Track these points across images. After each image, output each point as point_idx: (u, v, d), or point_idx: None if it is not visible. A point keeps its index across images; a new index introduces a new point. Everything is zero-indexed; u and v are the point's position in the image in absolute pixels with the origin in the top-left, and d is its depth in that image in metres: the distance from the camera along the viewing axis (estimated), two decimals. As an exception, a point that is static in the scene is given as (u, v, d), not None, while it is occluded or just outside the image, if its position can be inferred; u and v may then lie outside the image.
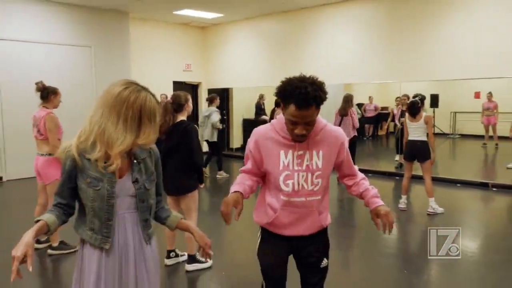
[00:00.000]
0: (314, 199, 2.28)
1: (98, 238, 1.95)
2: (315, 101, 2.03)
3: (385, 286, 4.09)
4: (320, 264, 2.41)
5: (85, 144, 1.87)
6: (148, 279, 2.08)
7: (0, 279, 4.30)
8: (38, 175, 4.83)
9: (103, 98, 1.88)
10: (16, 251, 1.70)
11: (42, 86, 4.83)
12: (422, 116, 6.30)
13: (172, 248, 4.50)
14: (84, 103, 9.54)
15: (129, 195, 1.99)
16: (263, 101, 12.76)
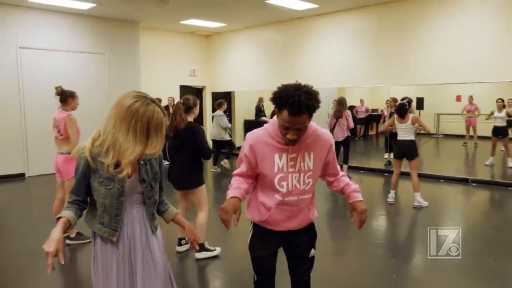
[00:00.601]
0: (305, 198, 2.28)
1: (106, 231, 2.00)
2: (308, 110, 2.01)
3: (375, 274, 4.12)
4: (308, 254, 2.41)
5: (99, 149, 1.91)
6: (154, 266, 2.11)
7: (26, 265, 4.36)
8: (57, 172, 4.85)
9: (115, 109, 1.89)
10: (49, 247, 1.75)
11: (61, 90, 4.85)
12: (410, 117, 6.35)
13: (183, 236, 4.54)
14: (99, 105, 9.63)
15: (137, 193, 2.04)
16: (262, 103, 12.78)
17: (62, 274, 4.29)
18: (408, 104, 6.52)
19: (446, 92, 11.42)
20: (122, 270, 2.03)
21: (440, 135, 13.35)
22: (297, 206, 2.27)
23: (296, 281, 2.46)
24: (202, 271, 4.21)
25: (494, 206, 7.12)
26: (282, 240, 2.38)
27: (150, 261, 2.10)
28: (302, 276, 2.43)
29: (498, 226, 5.68)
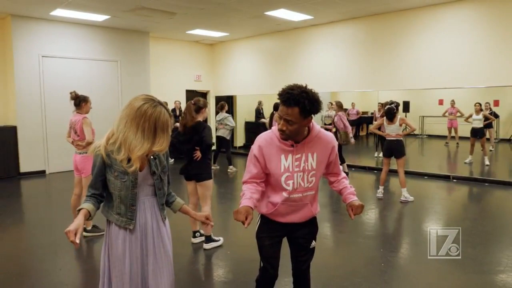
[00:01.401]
0: (308, 194, 2.31)
1: (123, 220, 2.04)
2: (297, 104, 2.02)
3: (364, 263, 4.16)
4: (309, 246, 2.44)
5: (112, 146, 1.96)
6: (165, 252, 2.15)
7: (46, 255, 4.40)
8: (76, 169, 4.87)
9: (126, 111, 1.94)
10: (69, 227, 1.77)
11: (75, 95, 4.86)
12: (397, 119, 6.39)
13: (196, 229, 4.56)
14: (112, 107, 9.68)
15: (148, 185, 2.09)
16: (261, 106, 12.82)
17: (79, 264, 4.33)
18: (396, 108, 6.57)
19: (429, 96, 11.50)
20: (135, 255, 2.07)
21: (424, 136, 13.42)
22: (301, 202, 2.29)
23: (297, 269, 2.49)
24: (206, 260, 4.24)
25: (472, 200, 7.16)
26: (286, 231, 2.40)
27: (161, 246, 2.13)
28: (302, 265, 2.47)
29: (476, 217, 5.72)
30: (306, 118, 2.09)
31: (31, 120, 8.83)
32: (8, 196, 7.20)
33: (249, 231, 2.43)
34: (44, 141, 9.03)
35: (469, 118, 9.61)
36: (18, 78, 8.61)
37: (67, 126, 5.00)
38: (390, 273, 3.90)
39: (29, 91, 8.76)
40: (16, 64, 8.57)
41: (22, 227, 5.58)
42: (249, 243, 4.55)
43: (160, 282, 2.12)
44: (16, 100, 8.63)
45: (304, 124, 2.12)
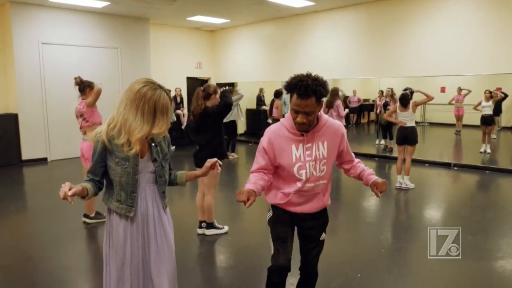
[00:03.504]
0: (321, 183, 2.29)
1: (124, 207, 2.04)
2: (315, 94, 2.02)
3: (364, 249, 4.21)
4: (320, 237, 2.43)
5: (113, 131, 1.95)
6: (166, 240, 2.16)
7: (48, 242, 4.45)
8: (82, 157, 4.81)
9: (126, 93, 1.95)
10: (62, 187, 1.80)
11: (79, 81, 4.79)
12: (410, 105, 6.36)
13: (203, 219, 4.48)
14: (113, 95, 9.50)
15: (149, 172, 2.08)
16: (262, 93, 12.81)
17: (82, 249, 4.39)
18: (410, 94, 6.51)
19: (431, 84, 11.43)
20: (136, 243, 2.08)
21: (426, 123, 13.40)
22: (312, 191, 2.28)
23: (305, 262, 2.47)
24: (208, 246, 4.28)
25: (473, 188, 7.20)
26: (297, 221, 2.38)
27: (162, 234, 2.14)
28: (312, 258, 2.45)
29: (476, 205, 5.77)
30: (319, 104, 2.10)
31: (32, 108, 8.84)
32: (11, 184, 7.26)
33: (250, 218, 2.46)
34: (45, 129, 9.05)
35: (478, 106, 9.55)
36: (18, 66, 8.60)
37: (73, 111, 4.89)
38: (390, 259, 3.95)
39: (29, 79, 8.76)
40: (16, 51, 8.55)
41: (25, 214, 5.63)
42: (251, 229, 4.61)
43: (162, 270, 2.13)
44: (16, 87, 8.63)
45: (318, 110, 2.13)
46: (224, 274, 3.72)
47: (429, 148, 10.79)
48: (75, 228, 4.77)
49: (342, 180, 7.16)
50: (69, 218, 5.10)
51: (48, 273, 3.66)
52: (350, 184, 7.05)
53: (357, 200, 6.10)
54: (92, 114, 4.74)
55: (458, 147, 11.41)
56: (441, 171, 8.04)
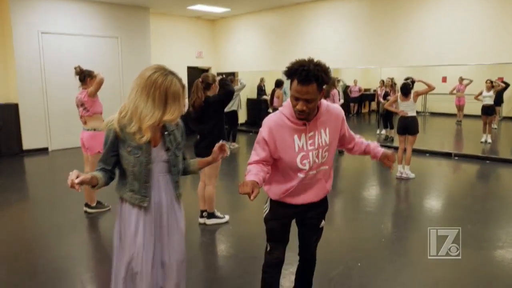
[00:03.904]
0: (322, 169, 2.23)
1: (137, 197, 2.01)
2: (316, 79, 1.92)
3: (365, 238, 4.23)
4: (319, 225, 2.40)
5: (125, 120, 1.92)
6: (178, 230, 2.15)
7: (50, 232, 4.47)
8: (83, 147, 4.81)
9: (137, 80, 1.91)
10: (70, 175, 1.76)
11: (79, 70, 4.76)
12: (411, 95, 6.34)
13: (204, 208, 4.51)
14: (113, 84, 9.65)
15: (162, 161, 2.04)
16: (263, 83, 12.80)
17: (84, 239, 4.40)
18: (412, 84, 6.49)
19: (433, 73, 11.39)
20: (148, 233, 2.04)
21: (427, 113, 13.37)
22: (314, 178, 2.22)
23: (304, 248, 2.48)
24: (209, 235, 4.30)
25: (473, 178, 7.20)
26: (297, 212, 2.32)
27: (174, 225, 2.13)
28: (311, 244, 2.45)
29: (476, 195, 5.77)
30: (321, 91, 2.01)
31: (32, 98, 8.82)
32: (12, 174, 7.27)
33: (251, 207, 2.46)
34: (46, 118, 9.04)
35: (479, 96, 9.52)
36: (18, 56, 8.56)
37: (73, 101, 4.87)
38: (390, 248, 3.96)
39: (29, 69, 8.72)
40: (16, 41, 8.50)
41: (26, 204, 5.65)
42: (251, 219, 4.63)
43: (173, 260, 2.12)
44: (17, 77, 8.60)
45: (319, 98, 2.04)
46: (225, 262, 3.74)
47: (429, 138, 10.79)
48: (76, 218, 4.79)
49: (342, 170, 7.16)
50: (70, 207, 5.12)
51: (50, 262, 3.68)
52: (350, 173, 7.05)
53: (357, 190, 6.11)
54: (93, 104, 4.72)
55: (459, 137, 11.41)
56: (442, 161, 8.04)
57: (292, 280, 2.72)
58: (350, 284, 3.19)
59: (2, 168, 7.58)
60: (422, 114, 12.94)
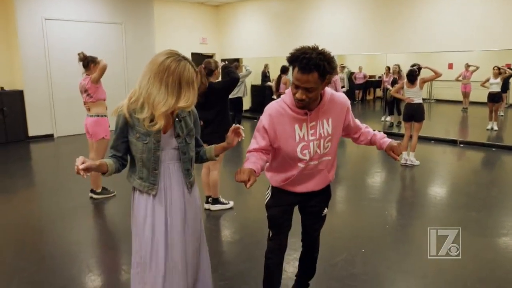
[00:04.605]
0: (325, 160, 2.19)
1: (146, 185, 1.97)
2: (317, 69, 1.84)
3: (369, 225, 4.23)
4: (322, 213, 2.38)
5: (135, 105, 1.87)
6: (194, 219, 2.11)
7: (56, 218, 4.51)
8: (87, 133, 4.81)
9: (149, 66, 1.85)
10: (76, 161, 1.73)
11: (83, 56, 4.74)
12: (418, 82, 6.30)
13: (209, 194, 4.52)
14: (117, 71, 9.66)
15: (172, 148, 1.99)
16: (267, 69, 12.75)
17: (90, 223, 4.44)
18: (418, 70, 6.44)
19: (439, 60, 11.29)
20: (158, 221, 2.00)
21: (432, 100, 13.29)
22: (316, 169, 2.19)
23: (307, 235, 2.47)
24: (213, 221, 4.33)
25: (478, 165, 7.18)
26: (299, 200, 2.31)
27: (183, 213, 2.08)
28: (314, 232, 2.45)
29: (482, 182, 5.76)
30: (324, 81, 1.92)
31: (37, 84, 8.82)
32: (18, 160, 7.32)
33: (255, 193, 2.45)
34: (51, 105, 9.06)
35: (485, 83, 9.41)
36: (22, 42, 8.55)
37: (78, 87, 4.86)
38: (394, 235, 3.97)
39: (33, 55, 8.71)
40: (20, 28, 8.49)
41: (33, 189, 5.70)
42: (256, 204, 4.64)
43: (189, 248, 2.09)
44: (21, 64, 8.60)
45: (322, 88, 1.97)
46: (229, 248, 3.77)
47: (435, 125, 10.74)
48: (82, 204, 4.82)
49: (346, 157, 7.16)
50: (77, 193, 5.15)
51: (57, 247, 3.72)
52: (354, 161, 7.05)
53: (362, 177, 6.11)
54: (97, 90, 4.72)
55: (464, 124, 11.34)
56: (447, 148, 8.00)
57: (296, 266, 2.73)
58: (354, 270, 3.20)
59: (9, 154, 7.63)
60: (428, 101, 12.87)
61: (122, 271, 3.23)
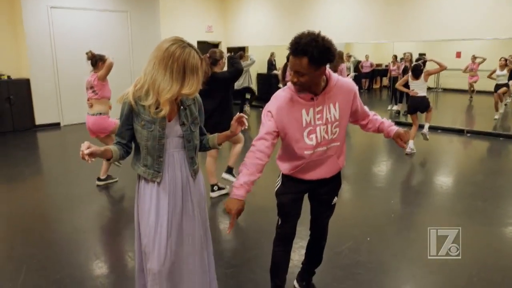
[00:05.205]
0: (333, 146, 2.18)
1: (150, 172, 1.98)
2: (305, 54, 1.86)
3: (375, 213, 4.23)
4: (331, 202, 2.39)
5: (140, 92, 1.88)
6: (192, 208, 2.10)
7: (64, 204, 4.55)
8: (90, 131, 4.81)
9: (154, 52, 1.86)
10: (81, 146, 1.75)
11: (91, 55, 4.76)
12: (422, 75, 6.28)
13: (214, 182, 4.56)
14: (123, 60, 9.65)
15: (177, 136, 2.00)
16: (273, 58, 12.66)
17: (96, 210, 4.47)
18: (423, 65, 6.42)
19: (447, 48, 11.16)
20: (162, 209, 2.01)
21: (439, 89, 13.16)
22: (325, 155, 2.18)
23: (315, 224, 2.48)
24: (220, 208, 4.35)
25: (485, 154, 7.14)
26: (309, 188, 2.31)
27: (189, 202, 2.09)
28: (323, 220, 2.45)
29: (488, 172, 5.72)
30: (317, 68, 1.92)
31: (43, 73, 8.83)
32: (25, 148, 7.37)
33: (262, 181, 2.43)
34: (57, 94, 9.08)
35: (492, 75, 9.30)
36: (28, 31, 8.54)
37: (83, 76, 4.88)
38: (400, 223, 3.97)
39: (39, 44, 8.71)
40: (25, 16, 8.47)
41: (40, 177, 5.74)
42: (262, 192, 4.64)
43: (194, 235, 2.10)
44: (27, 52, 8.61)
45: (316, 75, 1.96)
46: (235, 235, 3.78)
47: (442, 115, 10.66)
48: (88, 191, 4.86)
49: (352, 145, 7.13)
50: (83, 181, 5.19)
51: (64, 234, 3.76)
52: (360, 150, 7.03)
53: (368, 165, 6.10)
54: (103, 88, 4.74)
55: (471, 114, 11.25)
56: (454, 137, 7.95)
57: (302, 254, 2.74)
58: (359, 258, 3.21)
59: (16, 142, 7.68)
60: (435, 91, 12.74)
61: (129, 258, 3.26)
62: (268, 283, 2.51)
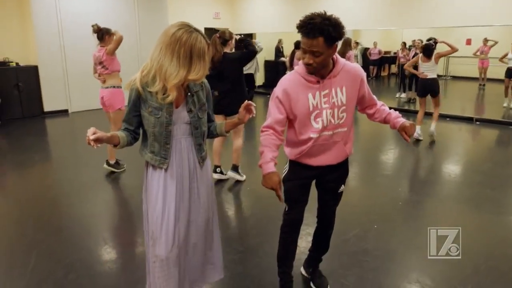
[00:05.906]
0: (340, 131, 2.18)
1: (157, 159, 1.97)
2: (322, 33, 1.89)
3: (382, 201, 4.22)
4: (338, 190, 2.39)
5: (147, 78, 1.86)
6: (199, 195, 2.10)
7: (72, 189, 4.58)
8: (103, 106, 4.83)
9: (161, 38, 1.84)
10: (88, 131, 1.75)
11: (97, 28, 4.72)
12: (433, 56, 6.19)
13: (219, 164, 4.57)
14: (131, 46, 9.62)
15: (184, 123, 1.99)
16: (281, 44, 12.59)
17: (104, 196, 4.51)
18: (434, 44, 6.32)
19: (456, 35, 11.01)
20: (169, 195, 2.01)
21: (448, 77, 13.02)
22: (331, 140, 2.18)
23: (322, 211, 2.48)
24: (227, 196, 4.37)
25: (494, 143, 7.07)
26: (316, 175, 2.31)
27: (195, 188, 2.08)
28: (330, 208, 2.45)
29: (497, 160, 5.67)
30: (331, 46, 1.96)
31: (51, 59, 8.84)
32: (34, 134, 7.41)
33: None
34: (65, 80, 9.10)
35: (503, 58, 9.15)
36: (35, 17, 8.53)
37: (91, 63, 4.88)
38: (407, 211, 3.96)
39: (47, 30, 8.71)
40: (33, 3, 8.45)
41: (49, 163, 5.79)
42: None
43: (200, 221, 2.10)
44: (35, 39, 8.61)
45: (330, 53, 1.99)
46: (242, 222, 3.80)
47: (451, 102, 10.57)
48: (96, 178, 4.89)
49: (360, 133, 7.10)
50: (92, 167, 5.22)
51: (73, 220, 3.80)
52: (368, 137, 6.99)
53: (375, 153, 6.07)
54: (112, 62, 4.71)
55: (481, 101, 11.13)
56: (463, 125, 7.88)
57: (309, 241, 2.74)
58: (366, 246, 3.21)
59: (25, 129, 7.73)
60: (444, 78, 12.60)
61: (137, 243, 3.29)
62: (275, 270, 2.52)
